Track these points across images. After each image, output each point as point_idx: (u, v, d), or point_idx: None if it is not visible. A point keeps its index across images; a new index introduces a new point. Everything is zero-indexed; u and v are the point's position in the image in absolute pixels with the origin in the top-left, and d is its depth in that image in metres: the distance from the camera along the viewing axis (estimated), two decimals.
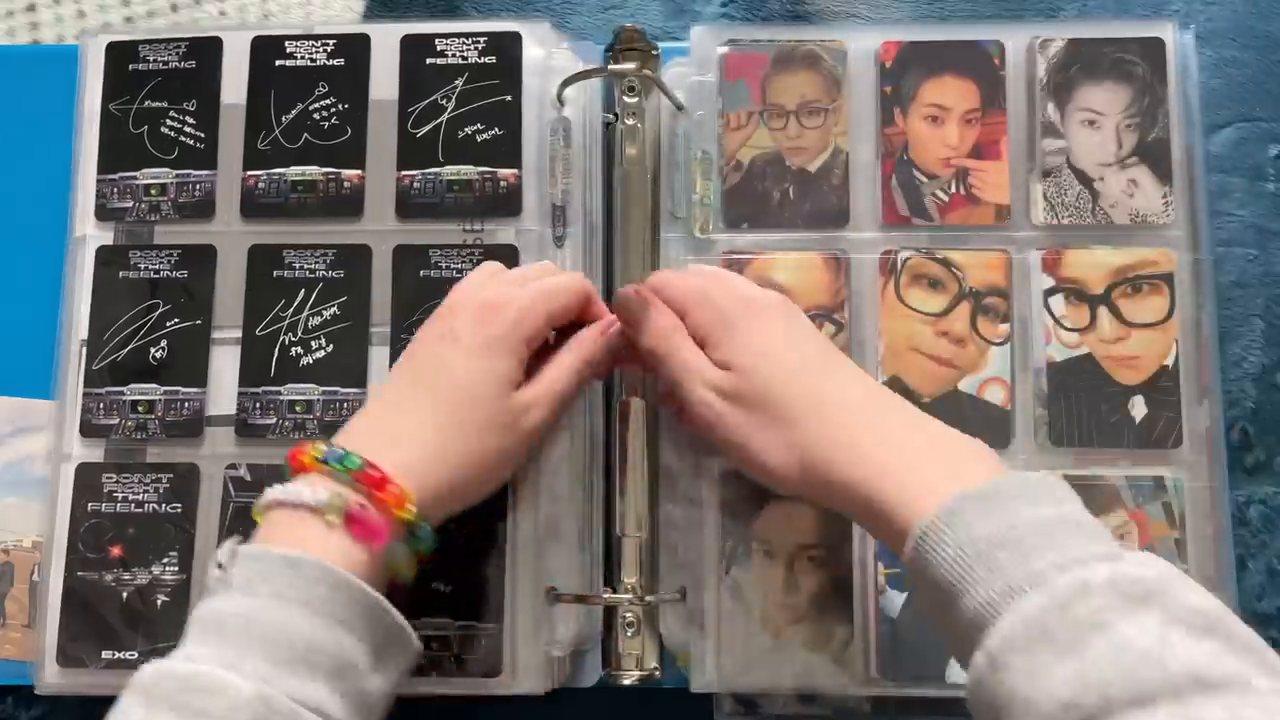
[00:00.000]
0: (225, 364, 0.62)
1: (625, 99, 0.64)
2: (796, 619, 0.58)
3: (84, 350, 0.62)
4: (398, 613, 0.46)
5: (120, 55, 0.66)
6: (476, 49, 0.64)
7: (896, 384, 0.60)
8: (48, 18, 0.73)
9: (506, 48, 0.64)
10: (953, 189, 0.62)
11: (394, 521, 0.47)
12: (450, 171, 0.63)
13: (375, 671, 0.45)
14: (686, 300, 0.54)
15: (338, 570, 0.44)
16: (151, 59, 0.65)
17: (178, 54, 0.65)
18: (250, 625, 0.43)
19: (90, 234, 0.64)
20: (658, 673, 0.60)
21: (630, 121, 0.64)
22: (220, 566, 0.45)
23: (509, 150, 0.63)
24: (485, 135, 0.63)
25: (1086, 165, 0.62)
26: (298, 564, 0.44)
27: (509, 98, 0.63)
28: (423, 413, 0.51)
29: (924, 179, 0.62)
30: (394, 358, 0.61)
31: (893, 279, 0.61)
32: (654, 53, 0.65)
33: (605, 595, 0.60)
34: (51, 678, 0.59)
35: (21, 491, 0.63)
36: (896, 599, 0.58)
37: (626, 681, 0.60)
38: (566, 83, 0.63)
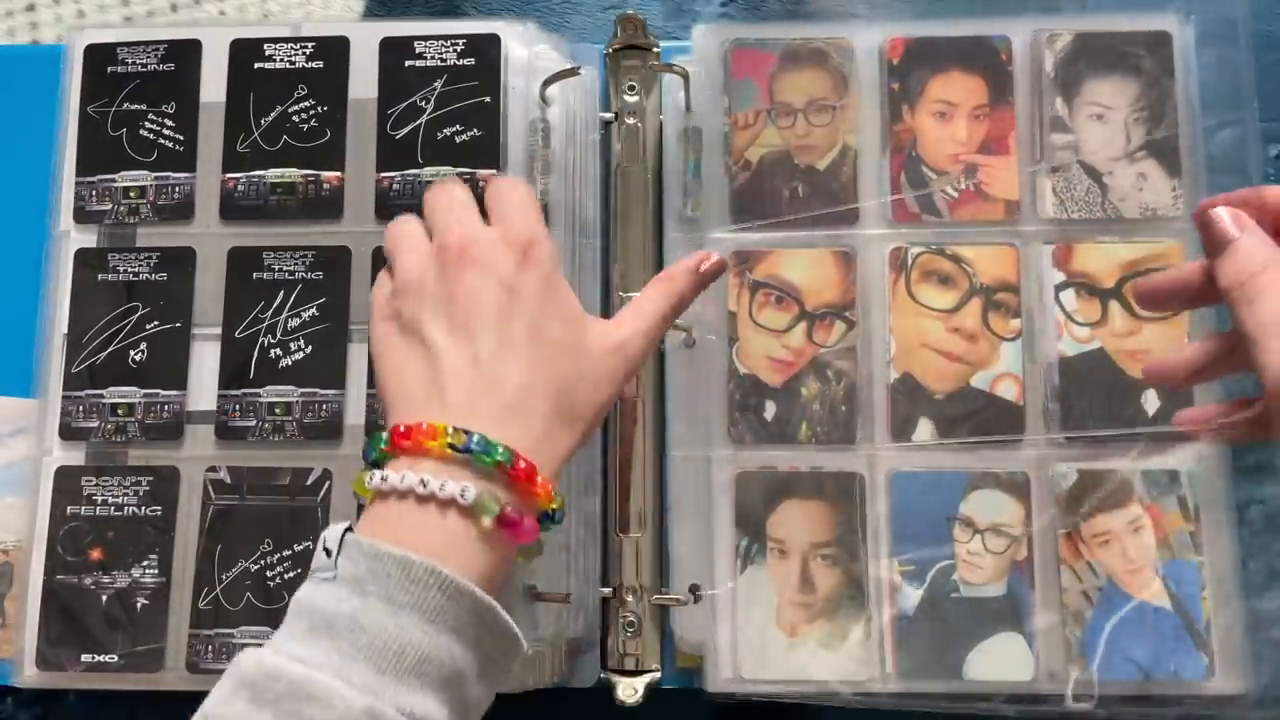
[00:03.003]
0: (205, 366, 0.62)
1: (625, 98, 0.64)
2: (812, 617, 0.58)
3: (65, 348, 0.62)
4: (510, 620, 0.43)
5: (98, 58, 0.65)
6: (455, 51, 0.64)
7: (908, 381, 0.60)
8: (48, 18, 0.72)
9: (485, 49, 0.64)
10: (962, 185, 0.62)
11: (540, 517, 0.45)
12: (430, 173, 0.63)
13: (481, 679, 0.42)
14: None
15: (456, 579, 0.41)
16: (130, 61, 0.65)
17: (156, 56, 0.65)
18: (359, 630, 0.40)
19: (71, 235, 0.63)
20: (658, 673, 0.59)
21: (630, 121, 0.63)
22: (326, 552, 0.42)
23: (488, 151, 0.63)
24: (464, 136, 0.63)
25: (1095, 159, 0.62)
26: (410, 566, 0.41)
27: (488, 99, 0.63)
28: (526, 381, 0.45)
29: (933, 175, 0.62)
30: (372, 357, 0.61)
31: (903, 276, 0.61)
32: (655, 49, 0.64)
33: (603, 593, 0.60)
34: (30, 682, 0.59)
35: (21, 491, 0.62)
36: (912, 595, 0.58)
37: (627, 699, 0.59)
38: (547, 82, 0.62)
